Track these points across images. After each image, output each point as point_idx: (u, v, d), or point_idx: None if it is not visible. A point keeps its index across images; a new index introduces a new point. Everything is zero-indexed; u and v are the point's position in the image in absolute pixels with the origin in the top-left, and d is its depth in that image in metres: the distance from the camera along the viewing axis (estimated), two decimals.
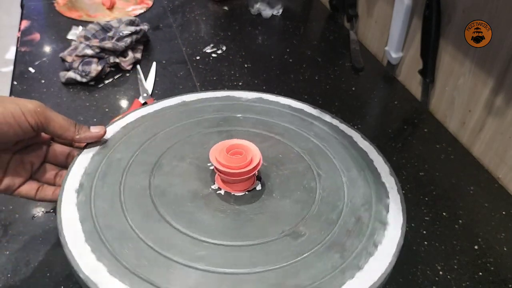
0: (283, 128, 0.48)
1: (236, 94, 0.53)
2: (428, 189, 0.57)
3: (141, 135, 0.46)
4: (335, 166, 0.44)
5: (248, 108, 0.51)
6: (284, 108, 0.51)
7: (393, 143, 0.65)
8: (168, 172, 0.42)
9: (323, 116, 0.50)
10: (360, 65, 0.82)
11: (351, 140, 0.47)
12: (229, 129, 0.48)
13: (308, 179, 0.42)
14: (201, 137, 0.46)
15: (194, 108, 0.50)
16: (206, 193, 0.40)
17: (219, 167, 0.39)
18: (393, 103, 0.74)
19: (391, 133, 0.67)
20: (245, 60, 0.82)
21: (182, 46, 0.86)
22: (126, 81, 0.75)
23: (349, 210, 0.39)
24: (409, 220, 0.53)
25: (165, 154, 0.43)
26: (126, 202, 0.38)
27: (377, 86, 0.78)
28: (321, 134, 0.48)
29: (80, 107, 0.68)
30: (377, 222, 0.38)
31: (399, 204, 0.40)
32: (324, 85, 0.77)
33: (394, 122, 0.70)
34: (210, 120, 0.49)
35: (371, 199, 0.40)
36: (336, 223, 0.38)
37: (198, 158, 0.44)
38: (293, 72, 0.80)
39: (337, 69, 0.82)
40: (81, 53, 0.73)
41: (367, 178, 0.42)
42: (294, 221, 0.38)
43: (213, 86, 0.74)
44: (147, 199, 0.38)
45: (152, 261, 0.33)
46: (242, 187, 0.41)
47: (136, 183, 0.40)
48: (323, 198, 0.40)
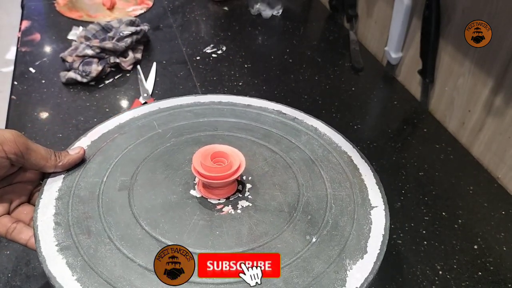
0: (277, 137, 0.48)
1: (237, 100, 0.53)
2: (428, 189, 0.57)
3: (129, 138, 0.45)
4: (320, 176, 0.43)
5: (247, 115, 0.51)
6: (271, 114, 0.51)
7: (392, 143, 0.65)
8: (147, 182, 0.41)
9: (324, 130, 0.49)
10: (360, 65, 0.82)
11: (345, 155, 0.46)
12: (213, 134, 0.47)
13: (292, 191, 0.41)
14: (191, 141, 0.46)
15: (173, 114, 0.50)
16: (184, 198, 0.40)
17: (200, 170, 0.38)
18: (393, 103, 0.74)
19: (390, 133, 0.67)
20: (245, 60, 0.82)
21: (182, 46, 0.86)
22: (127, 81, 0.75)
23: (331, 223, 0.38)
24: (409, 219, 0.53)
25: (144, 164, 0.43)
26: (104, 208, 0.38)
27: (377, 86, 0.78)
28: (314, 146, 0.47)
29: (81, 107, 0.68)
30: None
31: (381, 229, 0.39)
32: (324, 85, 0.77)
33: (394, 122, 0.70)
34: (206, 124, 0.48)
35: (353, 219, 0.39)
36: (310, 241, 0.37)
37: (183, 162, 0.43)
38: (293, 72, 0.80)
39: (337, 69, 0.82)
40: (81, 53, 0.73)
41: (354, 199, 0.41)
42: (273, 231, 0.37)
43: (213, 86, 0.74)
44: (128, 216, 0.38)
45: (140, 274, 0.33)
46: (222, 194, 0.40)
47: (115, 199, 0.39)
48: (305, 209, 0.39)
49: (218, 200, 0.40)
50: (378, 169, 0.51)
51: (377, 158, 0.61)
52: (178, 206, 0.39)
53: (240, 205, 0.40)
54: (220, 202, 0.40)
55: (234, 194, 0.41)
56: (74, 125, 0.65)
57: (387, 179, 0.57)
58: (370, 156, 0.50)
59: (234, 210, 0.39)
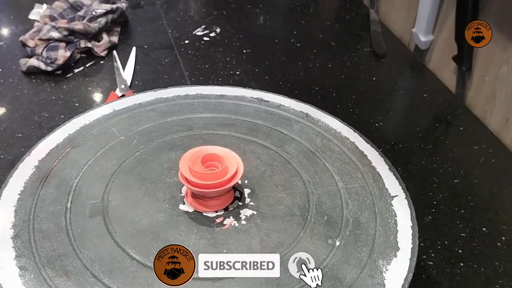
0: (265, 130, 0.48)
1: (207, 91, 0.53)
2: (465, 200, 0.57)
3: (86, 151, 0.45)
4: (326, 169, 0.44)
5: (223, 107, 0.51)
6: (251, 103, 0.52)
7: (422, 144, 0.65)
8: (124, 202, 0.41)
9: (316, 115, 0.51)
10: (382, 50, 0.82)
11: (348, 142, 0.48)
12: (189, 134, 0.48)
13: (299, 190, 0.42)
14: (164, 146, 0.46)
15: (133, 115, 0.50)
16: (174, 215, 0.40)
17: (190, 178, 0.38)
18: (422, 96, 0.73)
19: (419, 132, 0.67)
20: (243, 45, 0.82)
21: (167, 28, 0.85)
22: (100, 70, 0.74)
23: (352, 221, 0.40)
24: (442, 236, 0.53)
25: (114, 181, 0.43)
26: (78, 242, 0.38)
27: (403, 75, 0.78)
28: (311, 135, 0.48)
29: (45, 101, 0.68)
30: (382, 248, 0.39)
31: (408, 220, 0.40)
32: (339, 75, 0.77)
33: (424, 119, 0.69)
34: (178, 124, 0.49)
35: (374, 214, 0.41)
36: (333, 246, 0.38)
37: (162, 173, 0.44)
38: (301, 59, 0.80)
39: (355, 55, 0.81)
40: (45, 36, 0.73)
41: (370, 190, 0.43)
42: (289, 240, 0.38)
43: (205, 76, 0.74)
44: (103, 234, 0.38)
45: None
46: (219, 205, 0.41)
47: (88, 228, 0.39)
48: (318, 209, 0.41)
49: (216, 212, 0.40)
50: (404, 176, 0.52)
51: (403, 163, 0.61)
52: (169, 225, 0.39)
53: (243, 215, 0.40)
54: (218, 214, 0.40)
55: (232, 203, 0.41)
56: (36, 122, 0.64)
57: (415, 188, 0.57)
58: (394, 160, 0.50)
59: (237, 221, 0.40)
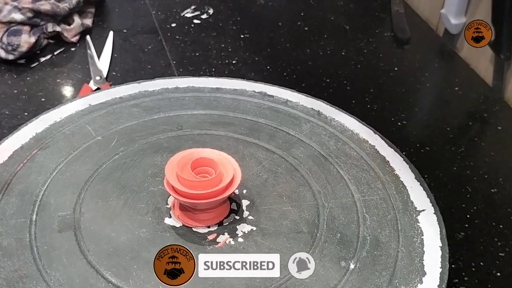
0: (269, 130, 0.49)
1: (201, 83, 0.54)
2: (504, 212, 0.57)
3: (56, 153, 0.46)
4: (340, 177, 0.45)
5: (218, 103, 0.52)
6: (253, 98, 0.52)
7: (453, 147, 0.64)
8: (99, 214, 0.42)
9: (330, 113, 0.51)
10: (406, 35, 0.82)
11: (367, 145, 0.48)
12: (178, 134, 0.48)
13: (307, 202, 0.43)
14: (148, 148, 0.47)
15: (112, 112, 0.50)
16: (158, 231, 0.40)
17: (178, 187, 0.39)
18: (453, 90, 0.73)
19: (449, 132, 0.66)
20: (241, 29, 0.82)
21: (151, 9, 0.86)
22: (71, 59, 0.75)
23: (370, 240, 0.40)
24: (477, 256, 0.52)
25: (88, 189, 0.43)
26: (44, 261, 0.38)
27: (430, 64, 0.78)
28: (322, 137, 0.49)
29: (5, 95, 0.68)
30: (407, 269, 0.39)
31: (437, 239, 0.40)
32: (354, 64, 0.77)
33: (455, 117, 0.69)
34: (165, 122, 0.49)
35: (397, 231, 0.41)
36: (347, 269, 0.38)
37: (145, 180, 0.44)
38: (310, 45, 0.80)
39: (373, 41, 0.81)
40: (6, 19, 0.73)
41: (392, 203, 0.43)
42: (305, 248, 0.39)
43: (195, 65, 0.74)
44: (75, 255, 0.38)
45: None
46: (212, 219, 0.41)
47: (57, 245, 0.39)
48: (330, 225, 0.41)
49: (208, 228, 0.41)
50: (432, 185, 0.52)
51: (431, 169, 0.61)
52: (152, 243, 0.39)
53: (240, 231, 0.41)
54: (211, 230, 0.41)
55: (228, 217, 0.42)
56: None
57: (445, 198, 0.56)
58: (420, 166, 0.50)
59: (233, 239, 0.40)
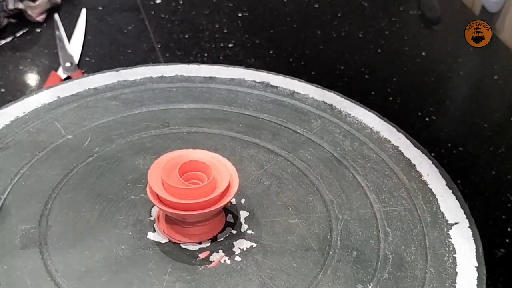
0: (272, 127, 0.50)
1: (191, 72, 0.55)
2: None
3: (18, 155, 0.46)
4: (357, 184, 0.45)
5: (212, 95, 0.52)
6: (253, 89, 0.53)
7: (491, 147, 0.65)
8: (70, 228, 0.42)
9: (344, 107, 0.52)
10: (435, 13, 0.83)
11: (389, 145, 0.49)
12: (163, 132, 0.49)
13: (317, 214, 0.43)
14: (129, 149, 0.47)
15: (85, 105, 0.51)
16: (140, 248, 0.41)
17: (164, 196, 0.39)
18: (491, 79, 0.74)
19: (487, 129, 0.67)
20: (238, 6, 0.83)
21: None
22: (37, 42, 0.75)
23: (392, 259, 0.40)
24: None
25: (57, 198, 0.44)
26: (3, 283, 0.38)
27: (464, 48, 0.79)
28: (336, 136, 0.49)
29: None
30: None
31: (472, 258, 0.41)
32: (374, 48, 0.78)
33: (494, 112, 0.70)
34: (148, 118, 0.50)
35: (425, 249, 0.41)
36: (372, 279, 0.39)
37: (125, 187, 0.44)
38: (320, 25, 0.81)
39: (396, 21, 0.82)
40: None
41: (419, 215, 0.44)
42: (302, 285, 0.39)
43: (184, 49, 0.75)
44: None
45: None
46: (204, 233, 0.41)
47: (18, 264, 0.39)
48: (345, 241, 0.41)
49: (199, 244, 0.41)
50: (466, 192, 0.52)
51: (465, 173, 0.61)
52: (132, 262, 0.40)
53: (238, 248, 0.41)
54: (203, 247, 0.41)
55: (223, 231, 0.42)
56: None
57: (481, 209, 0.57)
58: (452, 169, 0.50)
59: (229, 257, 0.40)
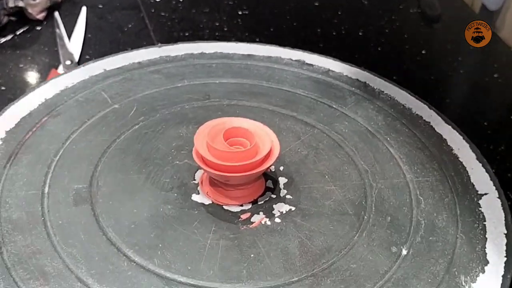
0: (308, 102, 0.52)
1: (230, 49, 0.57)
2: None
3: (68, 121, 0.49)
4: (391, 156, 0.47)
5: (250, 71, 0.55)
6: (289, 66, 0.55)
7: (491, 145, 0.65)
8: (118, 188, 0.44)
9: (378, 85, 0.54)
10: (435, 11, 0.83)
11: (421, 121, 0.50)
12: (205, 104, 0.51)
13: (352, 182, 0.45)
14: (172, 118, 0.49)
15: (130, 78, 0.54)
16: (185, 208, 0.43)
17: (209, 158, 0.40)
18: (492, 77, 0.74)
19: (487, 127, 0.67)
20: (238, 4, 0.83)
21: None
22: (37, 40, 0.75)
23: (425, 224, 0.42)
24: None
25: (105, 161, 0.46)
26: (58, 236, 0.40)
27: (464, 47, 0.78)
28: (370, 111, 0.51)
29: None
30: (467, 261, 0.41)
31: (501, 226, 0.42)
32: (374, 46, 0.78)
33: (494, 109, 0.70)
34: (190, 90, 0.52)
35: (456, 216, 0.43)
36: (399, 255, 0.40)
37: (169, 153, 0.47)
38: (320, 22, 0.81)
39: (396, 18, 0.82)
40: None
41: (450, 185, 0.45)
42: (339, 245, 0.40)
43: None
44: (93, 229, 0.41)
45: None
46: (245, 196, 0.44)
47: (72, 219, 0.42)
48: (379, 207, 0.43)
49: (241, 206, 0.44)
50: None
51: None
52: (178, 220, 0.43)
53: (278, 211, 0.44)
54: (244, 209, 0.44)
55: (263, 195, 0.45)
56: None
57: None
58: None
59: (269, 219, 0.43)
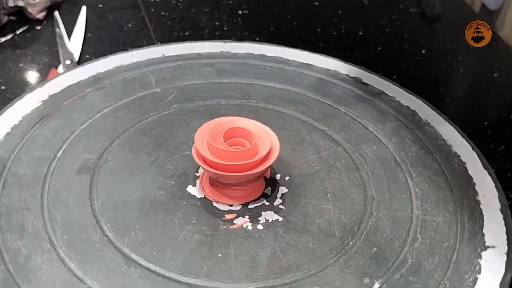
0: (345, 120, 0.51)
1: (290, 55, 0.57)
2: None
3: (108, 95, 0.50)
4: (406, 188, 0.46)
5: (302, 80, 0.55)
6: (344, 82, 0.55)
7: (491, 145, 0.65)
8: (123, 166, 0.45)
9: (426, 115, 0.54)
10: (435, 11, 0.83)
11: (456, 160, 0.49)
12: (241, 103, 0.51)
13: (353, 206, 0.44)
14: (203, 111, 0.50)
15: (183, 66, 0.55)
16: (176, 197, 0.43)
17: (206, 155, 0.41)
18: (492, 77, 0.74)
19: (487, 127, 0.67)
20: (238, 3, 0.83)
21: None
22: (37, 39, 0.75)
23: (411, 263, 0.40)
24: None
25: (123, 138, 0.48)
26: (50, 198, 0.41)
27: (464, 47, 0.78)
28: (405, 140, 0.50)
29: None
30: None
31: (495, 282, 0.40)
32: (374, 45, 0.78)
33: (494, 109, 0.70)
34: (232, 88, 0.53)
35: (448, 262, 0.41)
36: (382, 276, 0.39)
37: (185, 143, 0.47)
38: (321, 22, 0.81)
39: (396, 18, 0.82)
40: None
41: (457, 231, 0.43)
42: (310, 264, 0.39)
43: None
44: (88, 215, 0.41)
45: None
46: (239, 197, 0.43)
47: (69, 185, 0.43)
48: (370, 236, 0.42)
49: (230, 206, 0.44)
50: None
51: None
52: (163, 207, 0.43)
53: (264, 218, 0.43)
54: (232, 209, 0.44)
55: (257, 200, 0.45)
56: None
57: None
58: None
59: (252, 224, 0.43)
